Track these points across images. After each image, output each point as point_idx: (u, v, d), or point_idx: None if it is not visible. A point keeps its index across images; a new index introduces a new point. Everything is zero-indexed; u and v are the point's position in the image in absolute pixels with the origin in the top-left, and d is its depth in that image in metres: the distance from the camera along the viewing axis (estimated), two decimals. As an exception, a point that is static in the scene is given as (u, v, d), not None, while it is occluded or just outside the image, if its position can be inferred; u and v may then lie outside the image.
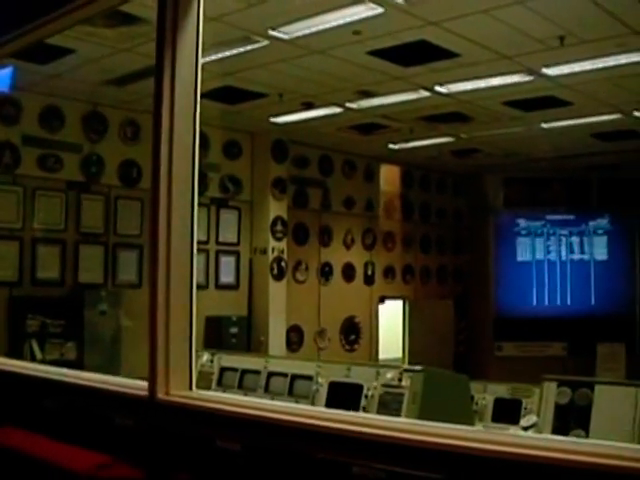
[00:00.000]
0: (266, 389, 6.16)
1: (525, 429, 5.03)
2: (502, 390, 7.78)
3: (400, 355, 16.40)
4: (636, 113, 12.18)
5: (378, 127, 13.18)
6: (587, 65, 9.76)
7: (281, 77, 10.37)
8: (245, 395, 5.69)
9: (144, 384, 4.06)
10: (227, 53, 9.35)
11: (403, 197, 16.73)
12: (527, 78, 10.30)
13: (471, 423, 5.58)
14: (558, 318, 17.11)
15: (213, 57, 9.23)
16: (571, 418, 4.80)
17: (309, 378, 5.80)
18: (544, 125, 13.01)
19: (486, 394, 7.77)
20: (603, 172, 17.14)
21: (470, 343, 17.69)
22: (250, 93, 11.18)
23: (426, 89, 10.86)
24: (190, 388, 4.07)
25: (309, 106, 11.78)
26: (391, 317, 16.36)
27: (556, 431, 4.73)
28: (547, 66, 9.88)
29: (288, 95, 11.22)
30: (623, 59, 9.49)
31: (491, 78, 10.37)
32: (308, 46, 9.15)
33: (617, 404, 4.72)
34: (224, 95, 10.99)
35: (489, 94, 11.08)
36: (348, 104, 11.70)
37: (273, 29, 8.66)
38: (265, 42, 9.04)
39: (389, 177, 16.39)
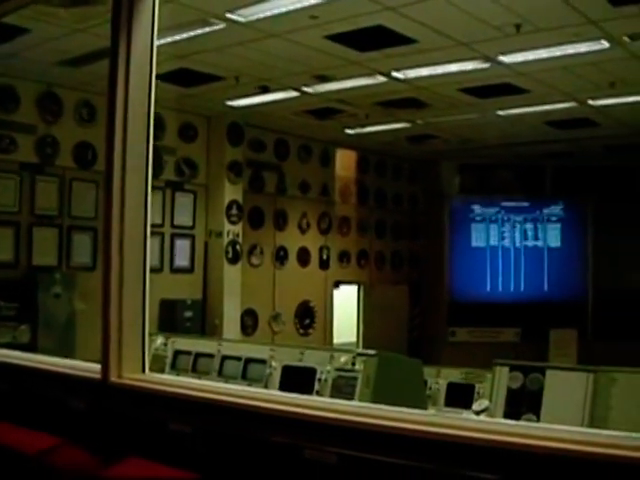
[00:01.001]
0: (220, 372, 6.16)
1: (477, 413, 5.07)
2: (455, 375, 7.83)
3: (354, 340, 16.44)
4: (590, 102, 12.28)
5: (334, 112, 13.17)
6: (543, 53, 9.81)
7: (238, 60, 10.31)
8: (199, 378, 5.68)
9: (97, 367, 4.05)
10: (183, 35, 9.27)
11: (359, 182, 16.74)
12: (483, 65, 10.33)
13: (424, 407, 5.62)
14: (511, 304, 17.25)
15: (169, 39, 9.16)
16: (523, 402, 4.84)
17: (263, 362, 5.80)
18: (500, 112, 13.08)
19: (439, 379, 7.83)
20: (557, 160, 17.29)
21: (424, 328, 17.79)
22: (206, 76, 11.11)
23: (382, 74, 10.86)
24: (143, 371, 4.06)
25: (265, 90, 11.73)
26: (346, 302, 16.39)
27: (508, 415, 4.77)
28: (503, 53, 9.91)
29: (244, 78, 11.17)
30: (579, 48, 9.56)
31: (448, 64, 10.39)
32: (265, 29, 9.11)
33: (568, 389, 4.77)
34: (180, 78, 10.92)
35: (445, 80, 11.10)
36: (304, 88, 11.68)
37: (230, 12, 8.61)
38: (222, 25, 8.98)
39: (345, 162, 16.40)
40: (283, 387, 5.45)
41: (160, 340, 6.45)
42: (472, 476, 2.55)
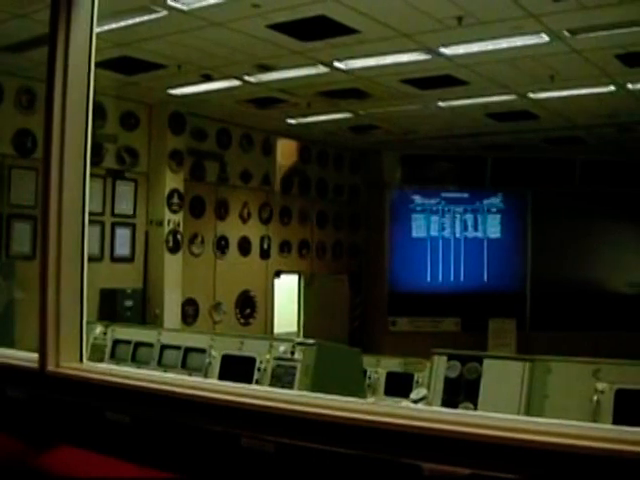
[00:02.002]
0: (159, 362, 6.14)
1: (415, 402, 5.12)
2: (394, 364, 7.88)
3: (295, 329, 16.47)
4: (531, 95, 12.41)
5: (276, 101, 13.15)
6: (484, 46, 9.89)
7: (180, 48, 10.25)
8: (138, 368, 5.67)
9: (35, 356, 4.01)
10: (125, 23, 9.20)
11: (300, 172, 16.74)
12: (425, 57, 10.39)
13: (363, 396, 5.65)
14: (451, 294, 17.40)
15: (114, 25, 9.09)
16: (460, 391, 4.88)
17: (202, 351, 5.81)
18: (441, 104, 13.16)
19: (379, 368, 7.87)
20: (497, 151, 17.45)
21: (365, 318, 17.86)
22: (148, 64, 11.03)
23: (325, 64, 10.87)
24: (81, 360, 4.03)
25: (207, 78, 11.69)
26: (287, 292, 16.40)
27: (445, 404, 4.81)
28: (445, 45, 9.98)
29: (186, 67, 11.11)
30: (519, 41, 9.66)
31: (390, 55, 10.42)
32: (207, 18, 9.07)
33: (505, 378, 4.82)
34: (122, 65, 10.83)
35: (387, 71, 11.14)
36: (247, 77, 11.64)
37: (172, -1, 8.58)
38: (164, 12, 8.92)
39: (286, 152, 16.40)
40: (223, 376, 5.45)
41: (99, 329, 6.42)
42: (408, 464, 2.57)
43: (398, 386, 7.52)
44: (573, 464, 2.40)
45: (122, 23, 9.18)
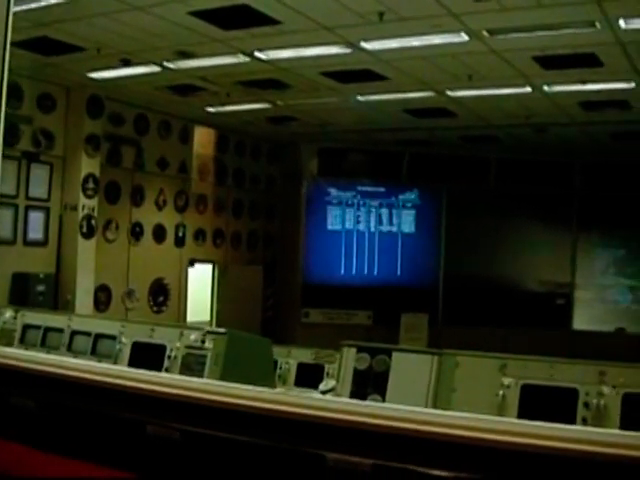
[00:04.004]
0: (69, 348, 6.09)
1: (323, 393, 5.14)
2: (305, 355, 7.93)
3: (208, 319, 16.41)
4: (449, 92, 12.54)
5: (195, 89, 13.08)
6: (404, 42, 9.97)
7: (100, 32, 10.12)
8: (47, 353, 5.61)
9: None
10: (45, 2, 9.05)
11: (217, 161, 16.69)
12: (346, 50, 10.43)
13: (272, 386, 5.67)
14: (365, 287, 17.52)
15: (33, 5, 8.94)
16: (369, 383, 4.92)
17: (113, 338, 5.78)
18: (360, 98, 13.22)
19: (290, 359, 7.91)
20: (414, 147, 17.59)
21: (278, 309, 17.89)
22: (67, 46, 10.86)
23: (245, 54, 10.84)
24: (-14, 344, 3.97)
25: (127, 63, 11.57)
26: (201, 280, 16.34)
27: (354, 395, 4.85)
28: (366, 40, 10.03)
29: (106, 50, 10.97)
30: (439, 39, 9.76)
31: (310, 48, 10.45)
32: (128, 1, 8.98)
33: (413, 371, 4.88)
34: (40, 46, 10.66)
35: (307, 63, 11.17)
36: (166, 63, 11.55)
37: (93, -19, 8.47)
38: (84, -6, 8.83)
39: (204, 140, 16.33)
40: (132, 363, 5.43)
41: (9, 314, 6.35)
42: (313, 453, 2.59)
43: (309, 377, 7.56)
44: (478, 456, 2.44)
45: (42, 3, 9.03)
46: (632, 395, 4.64)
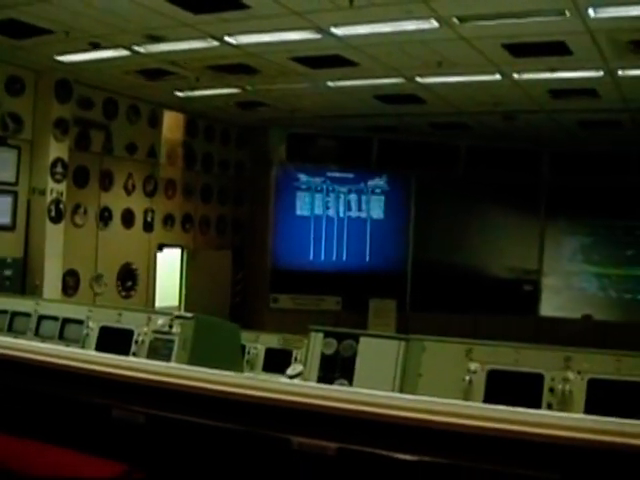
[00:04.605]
0: (36, 332, 6.08)
1: (291, 377, 5.16)
2: (273, 340, 7.95)
3: (177, 304, 16.39)
4: (418, 79, 12.55)
5: (165, 73, 13.00)
6: (374, 28, 9.95)
7: (68, 14, 10.02)
8: (15, 338, 5.59)
9: None
10: (10, -16, 8.99)
11: (186, 145, 16.64)
12: (316, 36, 10.40)
13: (240, 370, 5.68)
14: (333, 273, 17.55)
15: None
16: (336, 368, 4.95)
17: (80, 322, 5.76)
18: (330, 83, 13.20)
19: (258, 344, 7.92)
20: (384, 133, 17.62)
21: (247, 294, 17.88)
22: (35, 28, 10.74)
23: (215, 38, 10.78)
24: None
25: (96, 47, 11.47)
26: (169, 265, 16.30)
27: (321, 380, 4.87)
28: (336, 25, 10.00)
29: (75, 34, 10.87)
30: (409, 26, 9.74)
31: (280, 33, 10.41)
32: (97, -16, 8.93)
33: (380, 356, 4.91)
34: (7, 29, 10.55)
35: (277, 48, 11.12)
36: (136, 47, 11.47)
37: (61, -37, 8.40)
38: (52, -24, 8.75)
39: (173, 124, 16.27)
40: (100, 348, 5.43)
41: (-25, 298, 6.31)
42: (278, 437, 2.61)
43: (277, 362, 7.58)
44: (443, 440, 2.46)
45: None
46: (597, 380, 4.69)
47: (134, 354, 5.15)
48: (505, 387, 4.73)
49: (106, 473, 2.68)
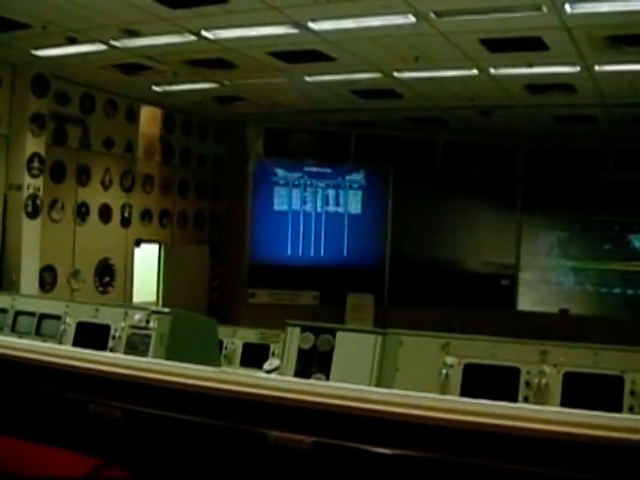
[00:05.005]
0: (13, 328, 6.06)
1: (268, 372, 5.17)
2: (251, 335, 7.96)
3: (155, 299, 16.35)
4: (396, 74, 12.57)
5: (142, 68, 12.96)
6: (352, 23, 9.96)
7: (45, 8, 9.97)
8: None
9: None
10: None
11: (164, 140, 16.60)
12: (293, 31, 10.39)
13: (218, 365, 5.68)
14: (311, 268, 17.56)
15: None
16: (313, 362, 4.95)
17: (57, 318, 5.75)
18: (307, 78, 13.20)
19: (235, 339, 7.93)
20: (361, 128, 17.64)
21: (224, 289, 17.87)
22: (12, 23, 10.67)
23: (192, 33, 10.76)
24: None
25: (73, 41, 11.42)
26: (147, 261, 16.26)
27: (298, 374, 4.88)
28: (313, 20, 10.00)
29: (52, 28, 10.81)
30: (386, 20, 9.76)
31: (258, 27, 10.39)
32: (73, -22, 8.89)
33: (357, 350, 4.92)
34: (-17, 23, 10.52)
35: (255, 43, 11.11)
36: (113, 42, 11.42)
37: (37, -44, 8.36)
38: (28, -30, 8.71)
39: (150, 119, 16.23)
40: (77, 343, 5.41)
41: (-49, 293, 6.29)
42: (254, 431, 2.61)
43: (254, 357, 7.59)
44: (420, 434, 2.46)
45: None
46: (572, 374, 4.71)
47: (111, 349, 5.14)
48: (482, 381, 4.76)
49: (80, 468, 2.67)
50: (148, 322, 4.97)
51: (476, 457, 2.39)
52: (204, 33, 10.76)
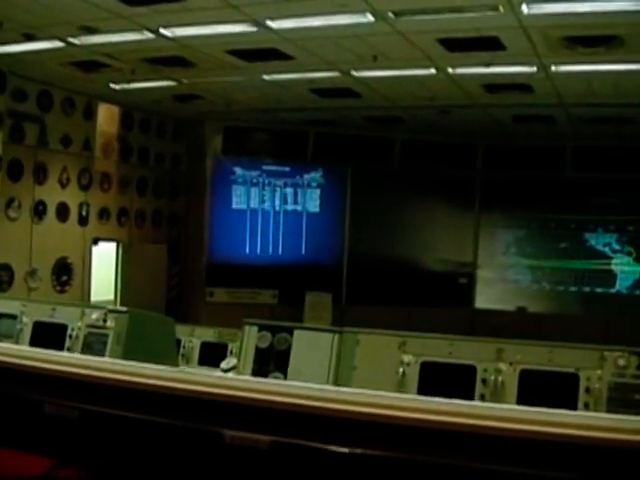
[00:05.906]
0: (-32, 327, 6.00)
1: (225, 371, 5.17)
2: (209, 334, 7.96)
3: (113, 298, 16.27)
4: (354, 73, 12.59)
5: (100, 65, 12.87)
6: (310, 21, 9.97)
7: (2, 4, 9.85)
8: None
9: None
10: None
11: (122, 138, 16.50)
12: (252, 29, 10.38)
13: (175, 364, 5.67)
14: (269, 266, 17.56)
15: None
16: (270, 361, 4.96)
17: (13, 317, 5.71)
18: (266, 77, 13.18)
19: (193, 338, 7.93)
20: (320, 127, 17.65)
21: (183, 288, 17.82)
22: (-33, 19, 10.62)
23: (150, 31, 10.71)
24: None
25: (30, 38, 11.33)
26: (105, 259, 16.17)
27: (256, 373, 4.88)
28: (272, 19, 9.99)
29: (9, 24, 10.71)
30: (345, 19, 9.78)
31: (216, 25, 10.37)
32: (30, -25, 8.82)
33: (315, 349, 4.93)
34: (-63, 19, 10.40)
35: (213, 41, 11.09)
36: (70, 39, 11.33)
37: (-7, -48, 8.29)
38: (-17, -34, 8.63)
39: (108, 117, 16.13)
40: (34, 343, 5.38)
41: None
42: (210, 431, 2.61)
43: (212, 356, 7.58)
44: (376, 433, 2.48)
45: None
46: (528, 372, 4.76)
47: (68, 349, 5.12)
48: (438, 379, 4.79)
49: (36, 468, 2.67)
50: (105, 321, 4.96)
51: (432, 455, 2.41)
52: (162, 31, 10.71)
